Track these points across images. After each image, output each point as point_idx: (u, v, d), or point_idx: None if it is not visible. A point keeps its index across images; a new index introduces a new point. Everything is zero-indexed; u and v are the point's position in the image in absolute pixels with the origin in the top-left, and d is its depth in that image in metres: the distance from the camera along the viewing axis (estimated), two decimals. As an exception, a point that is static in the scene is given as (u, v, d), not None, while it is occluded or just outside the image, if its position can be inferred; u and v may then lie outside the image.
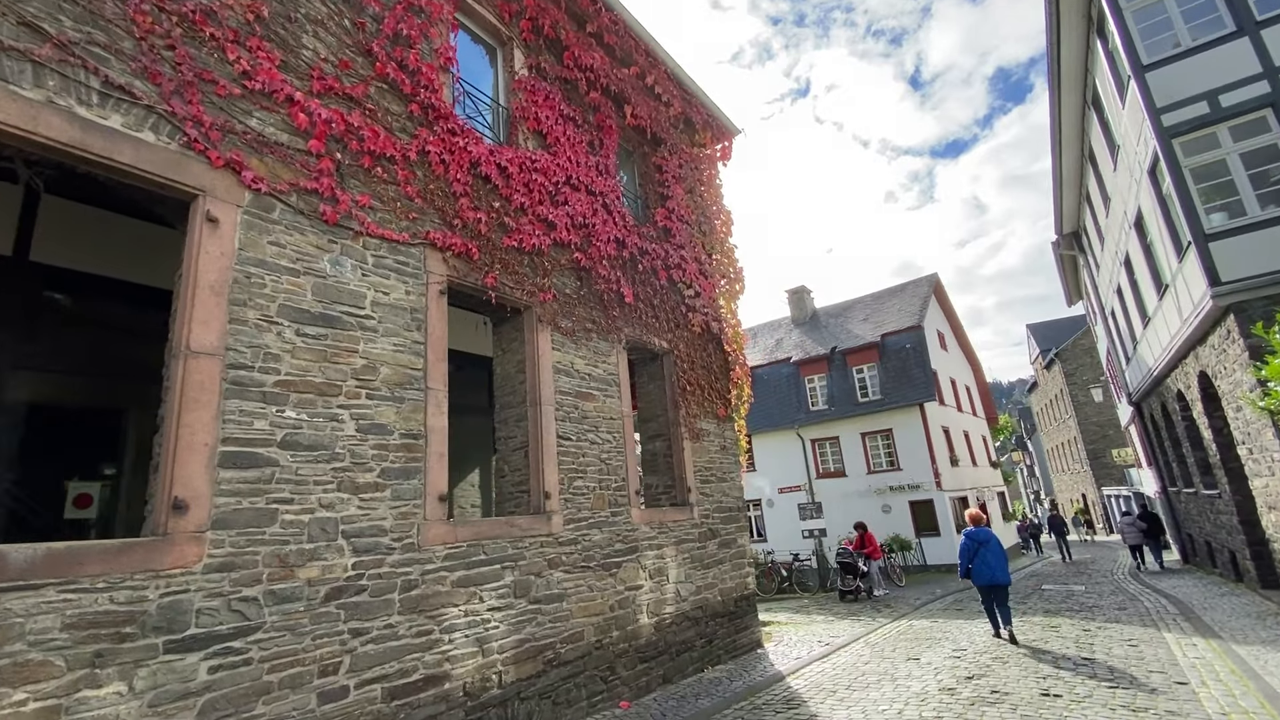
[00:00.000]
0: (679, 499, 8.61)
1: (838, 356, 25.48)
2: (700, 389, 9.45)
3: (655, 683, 7.06)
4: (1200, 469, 13.10)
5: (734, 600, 8.95)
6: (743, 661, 8.36)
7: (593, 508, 6.83)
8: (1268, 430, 8.47)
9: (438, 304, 5.66)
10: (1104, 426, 39.01)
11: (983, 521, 8.86)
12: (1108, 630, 8.73)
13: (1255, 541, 10.53)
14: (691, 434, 9.01)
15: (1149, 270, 12.25)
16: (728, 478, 9.65)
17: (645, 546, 7.46)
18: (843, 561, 14.07)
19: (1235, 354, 9.00)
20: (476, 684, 5.12)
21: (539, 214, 6.97)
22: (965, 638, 8.83)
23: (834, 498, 23.87)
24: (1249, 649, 7.06)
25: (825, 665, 7.84)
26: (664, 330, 8.91)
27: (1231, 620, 8.78)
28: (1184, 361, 12.03)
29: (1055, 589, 13.96)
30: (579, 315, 7.34)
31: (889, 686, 6.52)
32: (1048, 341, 47.56)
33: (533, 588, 5.86)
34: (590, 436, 7.06)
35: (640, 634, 7.03)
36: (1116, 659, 7.03)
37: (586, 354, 7.35)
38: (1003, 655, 7.48)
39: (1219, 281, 8.74)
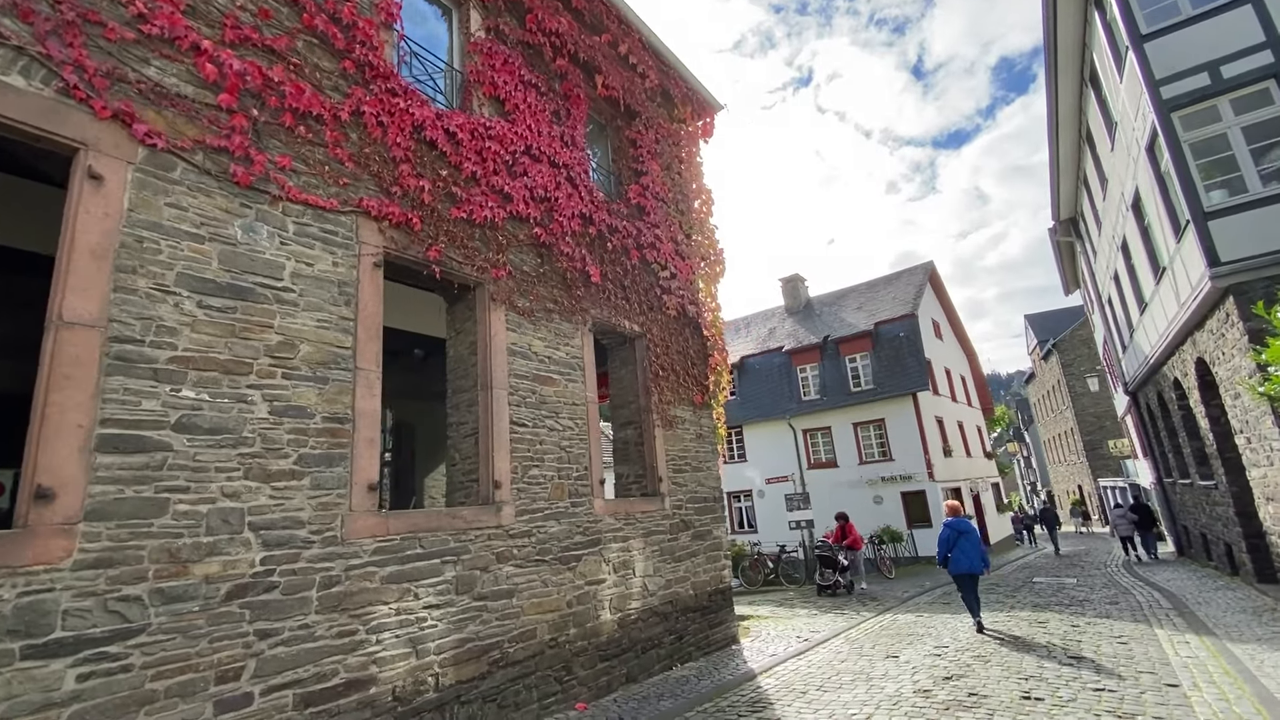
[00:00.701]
0: (650, 489, 8.21)
1: (830, 345, 25.05)
2: (675, 375, 9.03)
3: (618, 682, 6.69)
4: (1196, 459, 12.72)
5: (708, 594, 8.57)
6: (715, 659, 7.99)
7: (550, 498, 6.42)
8: (1267, 418, 8.06)
9: (371, 277, 5.22)
10: (1101, 418, 38.68)
11: (961, 512, 8.97)
12: (1097, 626, 8.36)
13: (1252, 534, 10.16)
14: (664, 421, 8.59)
15: (1146, 254, 11.81)
16: (704, 467, 9.25)
17: (609, 539, 7.07)
18: (822, 554, 13.74)
19: (1234, 338, 8.58)
20: (409, 687, 4.73)
21: (493, 185, 6.52)
22: (949, 633, 8.46)
23: (825, 489, 23.51)
24: (1244, 647, 6.69)
25: (800, 663, 7.47)
26: (635, 313, 8.48)
27: (1226, 616, 8.41)
28: (1181, 348, 11.62)
29: (1047, 581, 13.61)
30: (538, 294, 6.90)
31: (862, 688, 6.14)
32: (1046, 332, 47.18)
33: (478, 583, 5.46)
34: (549, 423, 6.65)
35: (601, 631, 6.64)
36: (1105, 657, 6.66)
37: (547, 335, 6.92)
38: (985, 654, 7.11)
39: (1218, 262, 8.30)
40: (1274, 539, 8.99)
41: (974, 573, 8.50)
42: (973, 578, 8.57)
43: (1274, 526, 8.85)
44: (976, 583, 8.67)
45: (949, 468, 22.78)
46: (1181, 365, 11.91)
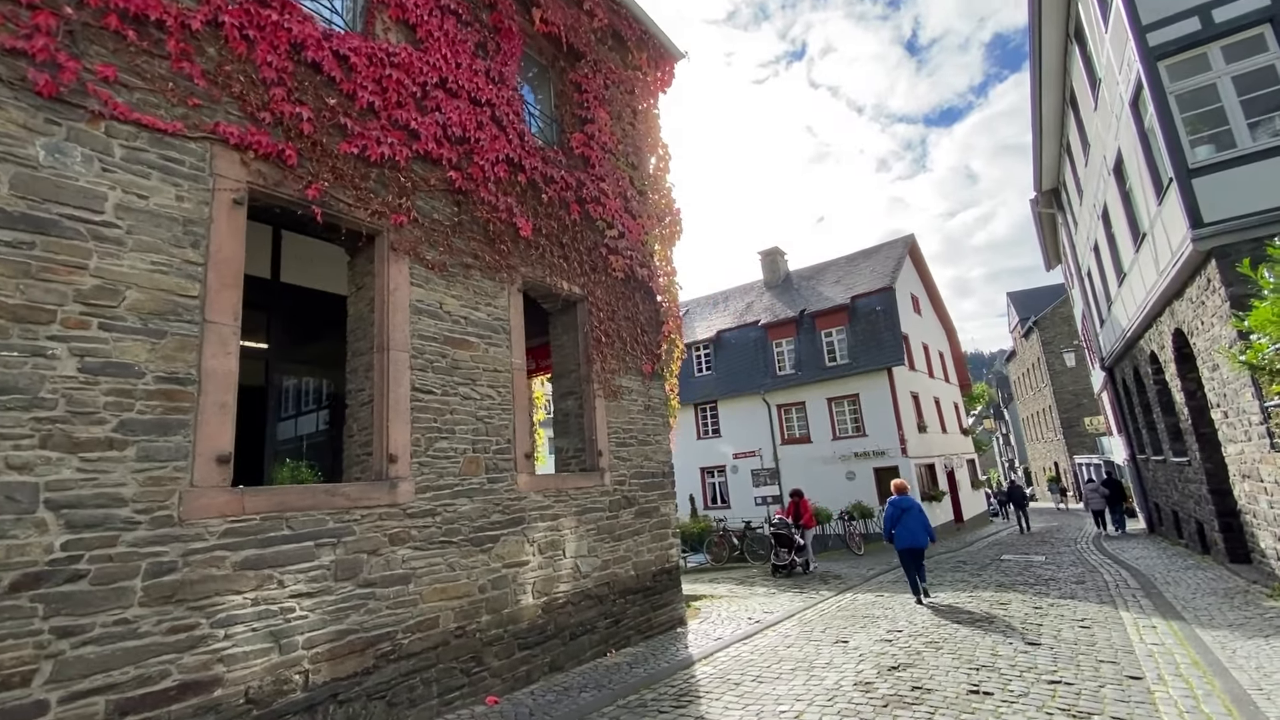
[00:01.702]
0: (589, 464, 7.59)
1: (806, 319, 24.50)
2: (622, 342, 8.36)
3: (540, 671, 6.13)
4: (1170, 435, 12.35)
5: (652, 575, 8.03)
6: (656, 643, 7.47)
7: (462, 473, 5.77)
8: (1246, 391, 7.57)
9: (229, 216, 4.46)
10: (1078, 395, 38.71)
11: (906, 490, 9.26)
12: (1060, 608, 7.94)
13: (1225, 512, 9.79)
14: (607, 392, 7.95)
15: (1126, 220, 11.24)
16: (652, 440, 8.64)
17: (535, 518, 6.45)
18: (777, 533, 12.92)
19: (1214, 306, 8.06)
20: (267, 687, 4.11)
21: (396, 119, 5.73)
22: (905, 615, 8.01)
23: (798, 464, 23.16)
24: (1214, 634, 6.26)
25: (745, 648, 6.97)
26: (576, 274, 7.77)
27: (1196, 598, 8.02)
28: (1158, 319, 11.13)
29: (1015, 559, 13.30)
30: (454, 247, 6.17)
31: (801, 678, 5.63)
32: (1027, 310, 47.07)
33: (364, 568, 4.82)
34: (463, 390, 5.96)
35: (522, 617, 6.06)
36: (1065, 644, 6.20)
37: (463, 293, 6.20)
38: (938, 639, 6.63)
39: (1201, 223, 7.73)
40: (1248, 518, 8.60)
41: (918, 547, 8.78)
42: (917, 552, 8.85)
43: (1249, 505, 8.44)
44: (921, 557, 8.95)
45: (923, 444, 22.47)
46: (1158, 338, 11.44)
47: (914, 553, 8.80)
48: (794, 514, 13.22)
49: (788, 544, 12.72)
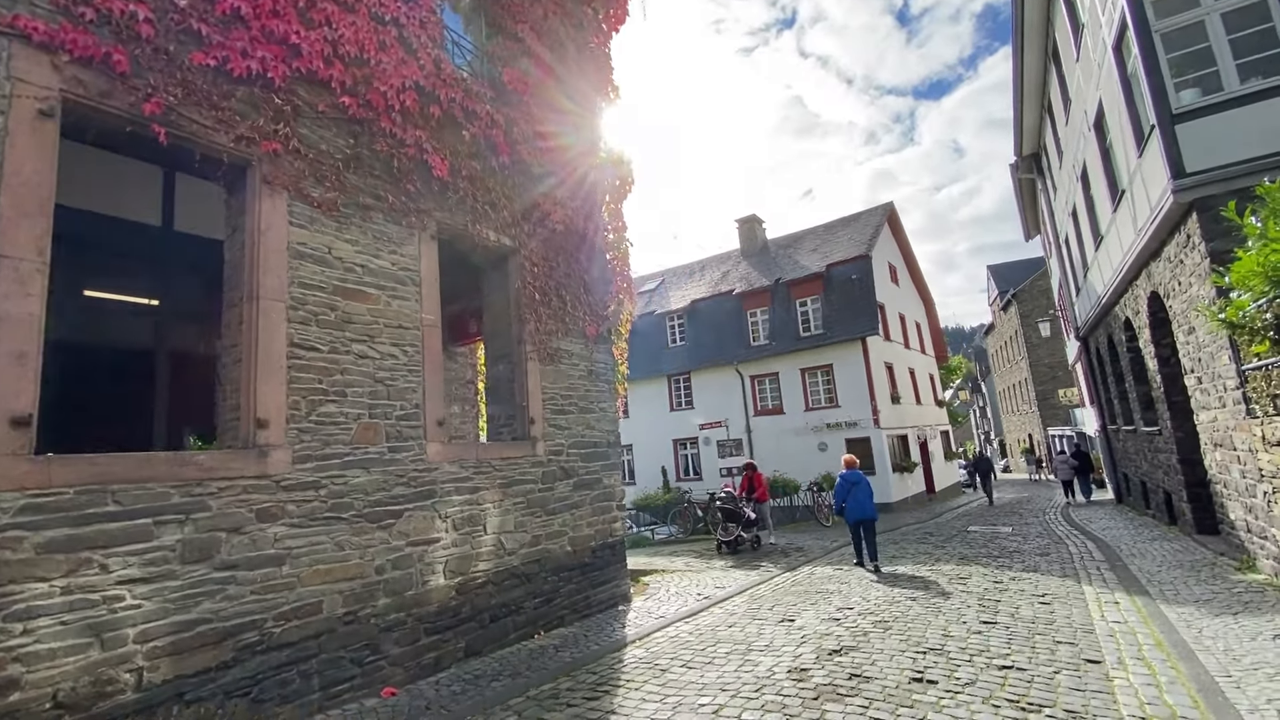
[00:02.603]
0: (519, 432, 6.96)
1: (781, 288, 23.90)
2: (561, 301, 7.68)
3: (452, 658, 5.57)
4: (1142, 404, 12.00)
5: (591, 550, 7.48)
6: (592, 623, 6.96)
7: (355, 441, 5.10)
8: (1222, 354, 7.11)
9: (33, 130, 3.67)
10: (1054, 368, 38.79)
11: (856, 465, 9.56)
12: (1021, 582, 7.55)
13: (1194, 482, 9.45)
14: (543, 354, 7.28)
15: (1105, 179, 10.68)
16: (595, 408, 8.02)
17: (449, 490, 5.83)
18: (724, 507, 12.21)
19: (1193, 264, 7.54)
20: (84, 689, 3.47)
21: (271, 30, 4.90)
22: (860, 591, 7.57)
23: (771, 436, 22.81)
24: (1179, 610, 5.86)
25: (685, 628, 6.48)
26: (506, 223, 7.03)
27: (1161, 571, 7.67)
28: (1134, 283, 10.67)
29: (981, 530, 13.01)
30: (348, 184, 5.40)
31: (734, 663, 5.13)
32: (1007, 283, 46.91)
33: (222, 548, 4.16)
34: (357, 348, 5.26)
35: (430, 599, 5.47)
36: (1021, 623, 5.77)
37: (360, 238, 5.46)
38: (889, 618, 6.18)
39: (1183, 173, 7.15)
40: (1218, 488, 8.23)
41: (869, 518, 9.08)
42: (868, 523, 9.13)
43: (1219, 475, 8.06)
44: (873, 527, 9.19)
45: (896, 415, 22.17)
46: (1134, 303, 11.00)
47: (865, 524, 9.15)
48: (747, 488, 12.59)
49: (735, 519, 11.99)
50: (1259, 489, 6.62)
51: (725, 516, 12.05)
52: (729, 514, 12.02)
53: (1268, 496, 6.38)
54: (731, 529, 11.80)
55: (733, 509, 12.07)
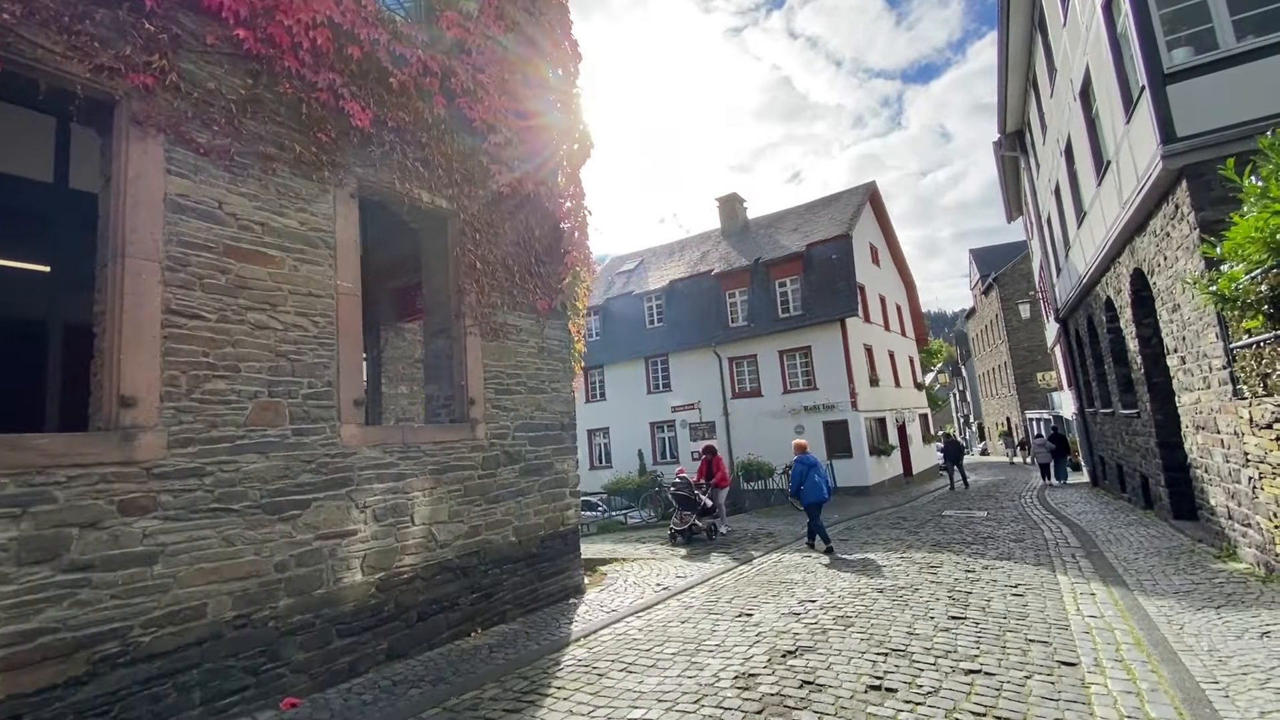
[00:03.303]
0: (458, 414, 6.39)
1: (760, 268, 23.38)
2: (508, 271, 7.07)
3: (370, 661, 5.04)
4: (1121, 386, 11.70)
5: (540, 540, 6.97)
6: (538, 619, 6.47)
7: (250, 423, 4.50)
8: (1209, 331, 6.71)
9: None
10: (1033, 352, 38.88)
11: (807, 449, 9.98)
12: (994, 571, 7.18)
13: (1172, 466, 9.15)
14: (485, 329, 6.69)
15: (1090, 151, 10.22)
16: (547, 388, 7.46)
17: (370, 478, 5.25)
18: (678, 494, 11.27)
19: (1180, 236, 7.12)
20: (-124, 722, 2.89)
21: (140, -57, 4.19)
22: (825, 581, 7.15)
23: (748, 419, 22.44)
24: (1159, 603, 5.49)
25: (636, 623, 6.00)
26: (442, 183, 6.39)
27: (1138, 559, 7.34)
28: (1117, 261, 10.28)
29: (956, 514, 12.72)
30: (244, 130, 4.73)
31: (679, 667, 4.66)
32: (989, 267, 46.81)
33: (72, 546, 3.57)
34: (255, 317, 4.64)
35: (344, 598, 4.93)
36: (993, 618, 5.36)
37: (260, 192, 4.81)
38: (851, 613, 5.74)
39: (1173, 137, 6.69)
40: (1199, 473, 7.90)
41: (822, 501, 9.47)
42: (822, 505, 9.52)
43: (1200, 459, 7.72)
44: (820, 510, 9.58)
45: (875, 397, 21.88)
46: (1115, 281, 10.62)
47: (820, 506, 9.52)
48: (705, 473, 11.78)
49: (690, 506, 11.09)
50: (1243, 474, 6.26)
51: (679, 504, 11.28)
52: (683, 500, 11.23)
53: (1253, 482, 6.01)
54: (687, 516, 11.03)
55: (687, 495, 11.25)
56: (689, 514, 11.01)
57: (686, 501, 11.19)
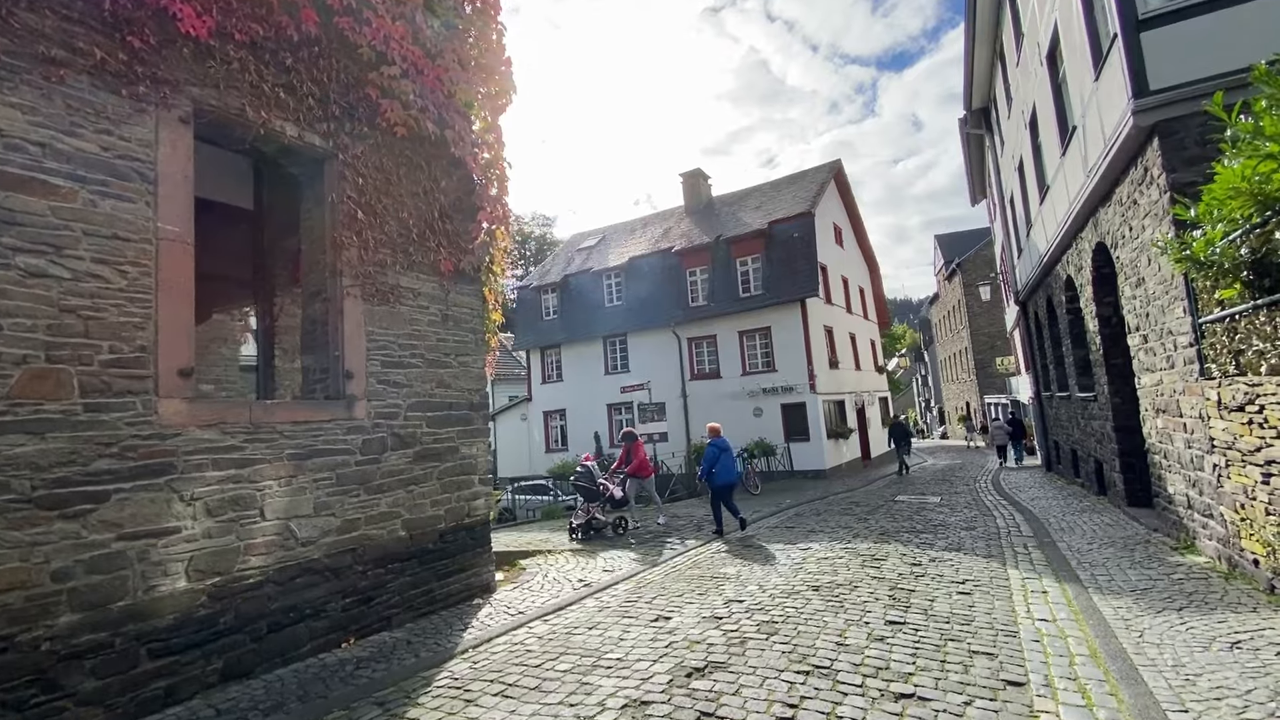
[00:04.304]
0: (333, 389, 5.48)
1: (722, 246, 22.63)
2: (402, 225, 6.13)
3: (197, 685, 4.17)
4: (1079, 369, 11.31)
5: (438, 535, 6.13)
6: (429, 624, 5.66)
7: (15, 395, 3.54)
8: (1176, 305, 6.16)
9: None
10: (993, 338, 39.23)
11: (720, 433, 9.87)
12: (942, 565, 6.61)
13: (1129, 451, 8.73)
14: (371, 291, 5.76)
15: (1056, 118, 9.64)
16: (452, 361, 6.57)
17: (199, 464, 4.33)
18: (579, 484, 10.10)
19: (1149, 203, 6.54)
20: None
21: None
22: (759, 578, 6.49)
23: (706, 401, 21.83)
24: (1115, 604, 4.93)
25: (539, 630, 5.24)
26: (315, 116, 5.40)
27: (1092, 550, 6.85)
28: (1079, 236, 9.77)
29: (909, 500, 12.28)
30: (16, 24, 3.70)
31: (566, 689, 3.91)
32: (954, 253, 47.01)
33: None
34: (26, 261, 3.65)
35: (160, 610, 4.03)
36: (936, 622, 4.74)
37: (43, 105, 3.79)
38: (778, 618, 5.07)
39: (1145, 90, 6.06)
40: (1157, 458, 7.45)
41: (733, 483, 9.68)
42: (733, 486, 9.72)
43: (1159, 444, 7.25)
44: (733, 491, 9.74)
45: (834, 380, 21.47)
46: (1077, 258, 10.14)
47: (731, 487, 9.64)
48: (624, 461, 10.75)
49: (593, 497, 9.95)
50: (1207, 461, 5.75)
51: (583, 495, 10.14)
52: (585, 491, 10.07)
53: (1218, 470, 5.50)
54: (593, 508, 9.95)
55: (588, 486, 10.09)
56: (594, 505, 9.98)
57: (588, 492, 10.08)
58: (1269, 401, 4.38)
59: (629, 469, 10.57)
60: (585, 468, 10.33)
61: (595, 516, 9.94)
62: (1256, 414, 4.61)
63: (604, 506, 10.13)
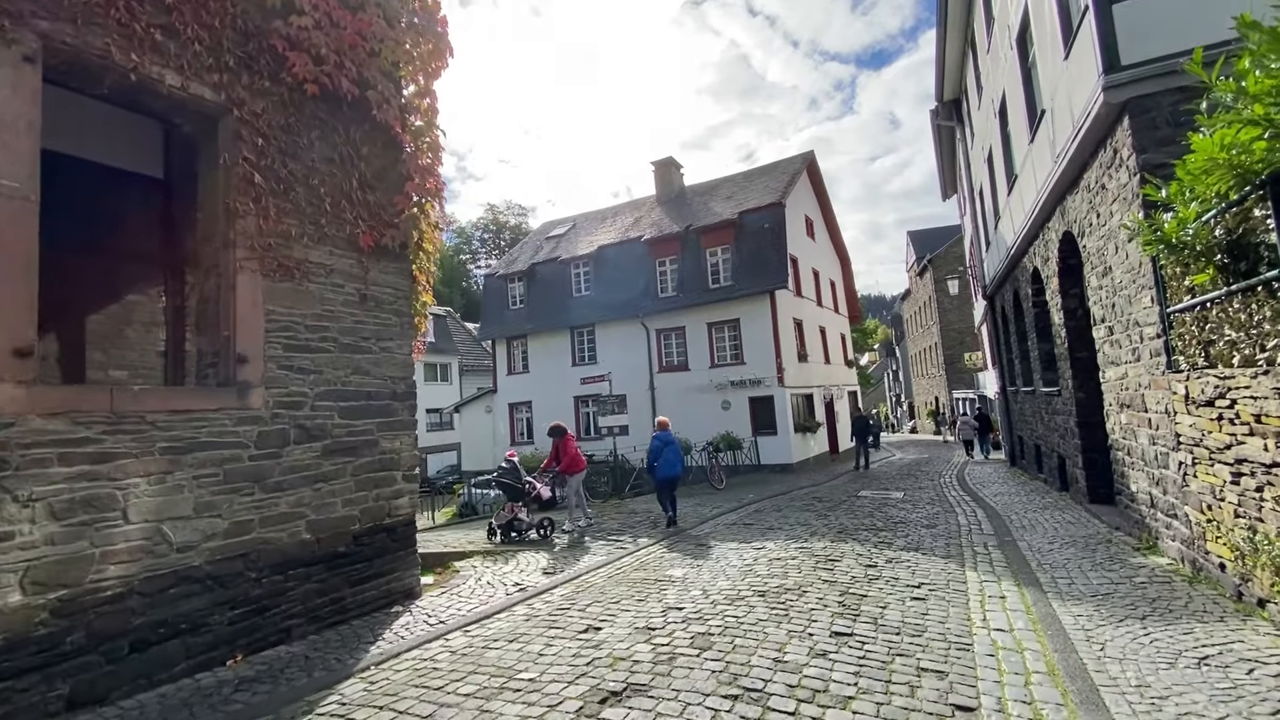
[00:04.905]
0: (224, 375, 4.87)
1: (691, 236, 22.18)
2: (311, 193, 5.52)
3: (33, 714, 3.57)
4: (1043, 363, 11.11)
5: (352, 537, 5.57)
6: (336, 635, 5.10)
7: None
8: (1144, 295, 5.85)
9: None
10: (962, 334, 39.53)
11: (667, 426, 9.97)
12: (898, 566, 6.25)
13: (1091, 447, 8.51)
14: (272, 266, 5.15)
15: (1025, 103, 9.35)
16: (371, 346, 5.99)
17: (42, 459, 3.72)
18: (501, 480, 9.26)
19: (1117, 187, 6.22)
20: None
21: None
22: (703, 583, 6.06)
23: (674, 394, 21.42)
24: (1076, 612, 4.59)
25: (456, 642, 4.73)
26: (204, 66, 4.77)
27: (1053, 550, 6.56)
28: (1046, 226, 9.51)
29: (872, 495, 12.01)
30: None
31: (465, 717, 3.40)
32: (925, 249, 47.30)
33: None
34: None
35: (-18, 633, 3.42)
36: (884, 635, 4.34)
37: None
38: (715, 629, 4.63)
39: (1117, 65, 5.72)
40: (1120, 455, 7.19)
41: (675, 476, 9.53)
42: (675, 480, 9.60)
43: (1123, 440, 6.99)
44: (676, 485, 9.67)
45: (802, 373, 21.21)
46: (1043, 249, 9.89)
47: (673, 481, 9.52)
48: (553, 458, 9.99)
49: (518, 496, 9.17)
50: (1172, 458, 5.46)
51: (507, 495, 9.33)
52: (509, 490, 9.27)
53: (1184, 468, 5.20)
54: (518, 508, 9.14)
55: (511, 484, 9.24)
56: (518, 505, 9.20)
57: (512, 490, 9.26)
58: (1241, 396, 4.05)
59: (559, 467, 9.76)
60: (510, 463, 9.55)
61: (519, 517, 9.13)
62: (1227, 409, 4.29)
63: (530, 507, 9.41)
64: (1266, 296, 3.66)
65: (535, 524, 9.17)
